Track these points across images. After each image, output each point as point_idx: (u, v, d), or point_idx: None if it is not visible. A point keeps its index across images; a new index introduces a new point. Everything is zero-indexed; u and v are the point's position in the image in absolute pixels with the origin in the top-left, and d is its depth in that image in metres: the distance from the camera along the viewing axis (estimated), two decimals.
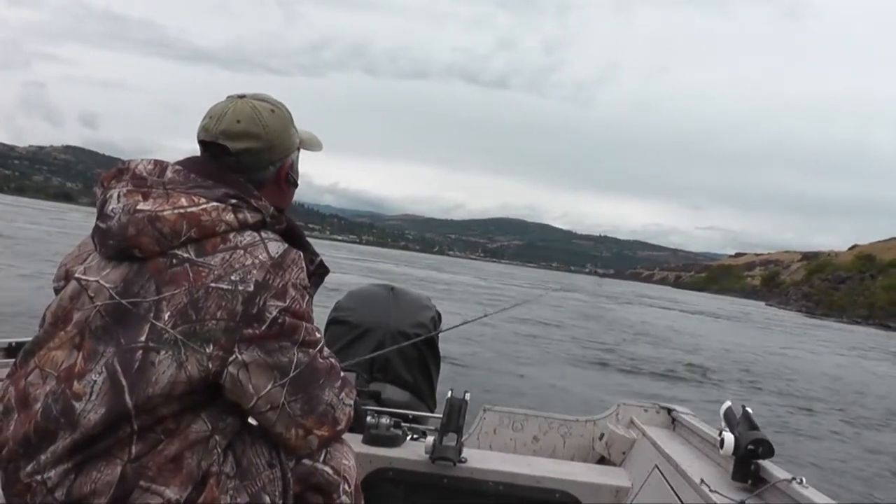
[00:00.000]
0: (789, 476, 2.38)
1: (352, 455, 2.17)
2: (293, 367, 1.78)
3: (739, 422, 2.66)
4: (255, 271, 1.74)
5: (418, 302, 4.02)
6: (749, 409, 2.70)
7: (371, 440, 3.10)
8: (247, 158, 1.94)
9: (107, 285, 1.75)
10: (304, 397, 1.81)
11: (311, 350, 1.82)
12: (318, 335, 1.85)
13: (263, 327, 1.73)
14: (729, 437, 2.57)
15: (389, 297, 3.94)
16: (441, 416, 3.13)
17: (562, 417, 3.82)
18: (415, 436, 3.30)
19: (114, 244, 1.77)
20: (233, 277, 1.72)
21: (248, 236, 1.81)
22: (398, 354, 3.67)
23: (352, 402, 1.95)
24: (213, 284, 1.71)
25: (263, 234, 1.84)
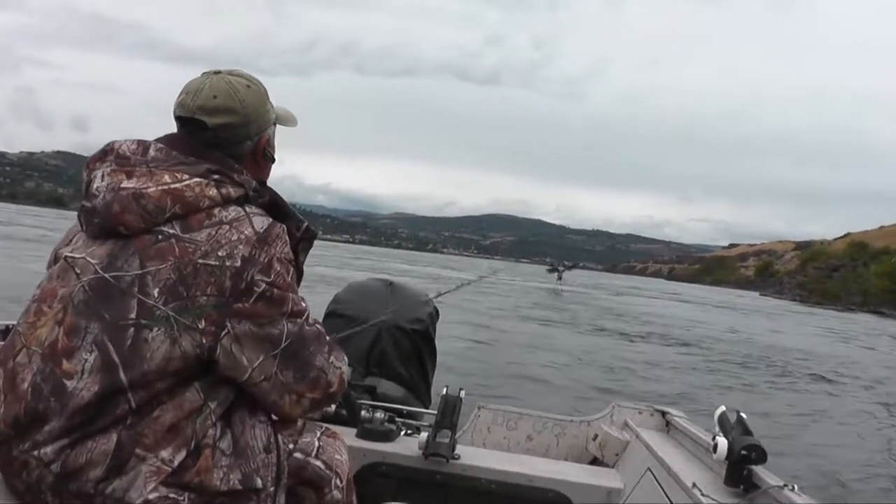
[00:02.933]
0: (781, 483, 2.38)
1: (344, 450, 2.19)
2: (284, 338, 1.82)
3: (733, 427, 2.64)
4: (241, 247, 1.77)
5: (416, 297, 4.02)
6: (743, 415, 2.68)
7: (365, 434, 3.11)
8: (224, 133, 1.94)
9: (92, 261, 1.76)
10: (295, 365, 1.85)
11: (298, 319, 1.85)
12: (303, 304, 1.89)
13: (252, 300, 1.76)
14: (722, 442, 2.55)
15: (387, 291, 3.94)
16: (435, 412, 3.14)
17: (556, 417, 3.82)
18: (409, 431, 3.29)
19: (99, 222, 1.79)
20: (220, 253, 1.75)
21: (233, 211, 1.84)
22: (394, 349, 3.67)
23: (342, 365, 1.99)
24: (200, 261, 1.73)
25: (248, 209, 1.87)
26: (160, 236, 1.75)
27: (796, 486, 2.34)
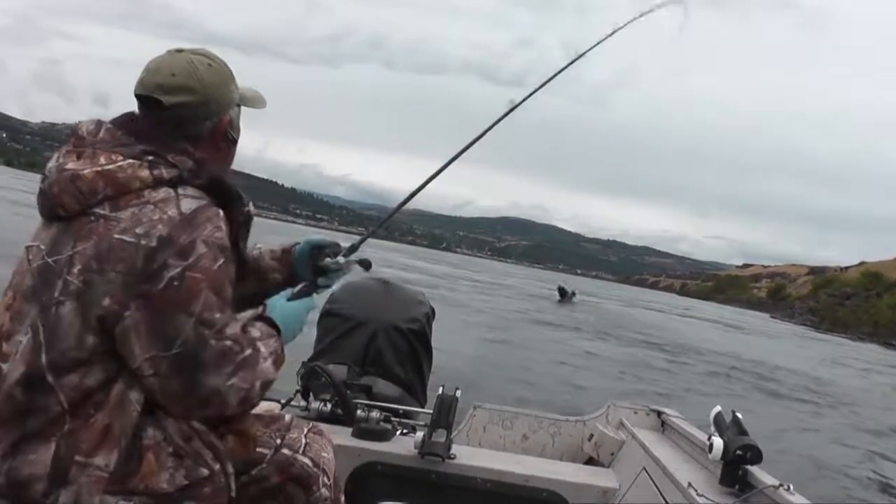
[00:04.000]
0: (777, 482, 2.40)
1: (330, 448, 2.20)
2: (178, 343, 1.70)
3: (729, 427, 2.67)
4: (160, 226, 1.71)
5: (412, 297, 4.02)
6: (739, 415, 2.71)
7: (361, 434, 3.12)
8: (181, 112, 1.90)
9: (42, 247, 1.78)
10: (183, 378, 1.74)
11: (205, 331, 1.73)
12: (217, 316, 1.76)
13: (160, 286, 1.68)
14: (718, 442, 2.59)
15: (383, 290, 3.95)
16: (431, 411, 3.14)
17: (552, 417, 3.83)
18: (404, 431, 3.31)
19: (45, 203, 1.81)
20: (137, 230, 1.70)
21: (163, 192, 1.77)
22: (390, 348, 3.66)
23: (250, 386, 1.83)
24: (116, 236, 1.69)
25: (180, 191, 1.80)
26: (93, 217, 1.73)
27: (791, 486, 2.36)
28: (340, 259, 2.26)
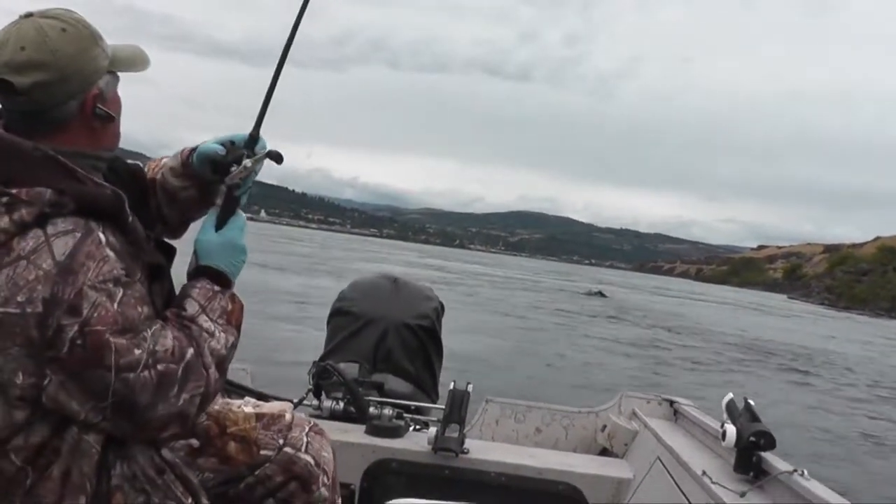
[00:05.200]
0: (791, 468, 2.38)
1: (329, 448, 2.17)
2: (108, 395, 1.51)
3: (741, 414, 2.66)
4: (40, 287, 1.46)
5: (421, 293, 4.01)
6: (751, 402, 2.71)
7: (373, 431, 3.11)
8: (39, 95, 1.60)
9: None
10: (131, 420, 1.57)
11: (130, 374, 1.52)
12: (136, 353, 1.53)
13: (65, 350, 1.47)
14: (731, 429, 2.59)
15: (392, 287, 3.94)
16: (443, 407, 3.15)
17: (564, 409, 3.81)
18: (417, 427, 3.32)
19: None
20: (19, 299, 1.46)
21: (31, 239, 1.50)
22: (400, 345, 3.66)
23: (205, 383, 1.65)
24: (1, 310, 1.47)
25: (49, 230, 1.51)
26: None
27: (806, 472, 2.34)
28: (247, 163, 1.88)
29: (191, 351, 1.64)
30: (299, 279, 32.33)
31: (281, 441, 2.04)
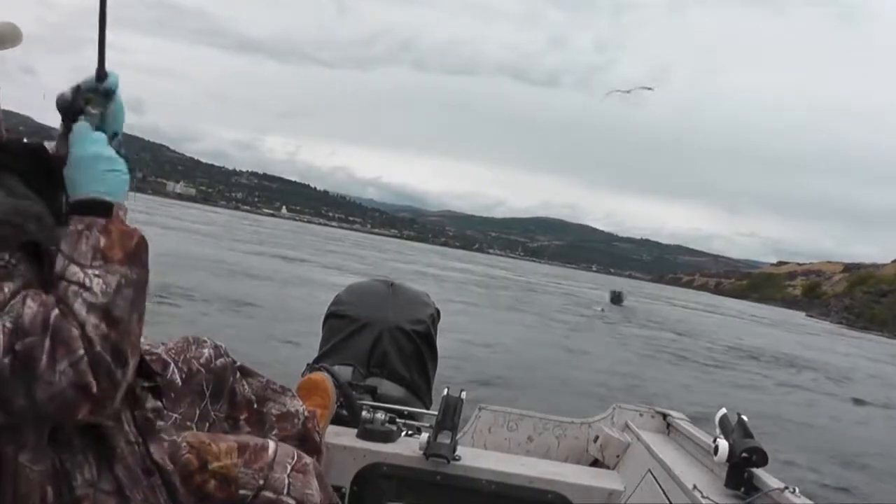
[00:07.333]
0: (782, 485, 2.37)
1: (315, 483, 2.05)
2: None
3: (734, 429, 2.64)
4: None
5: (417, 298, 4.00)
6: (744, 417, 2.68)
7: (365, 435, 3.12)
8: None
9: None
10: (9, 413, 1.36)
11: None
12: None
13: None
14: (723, 444, 2.56)
15: (388, 292, 3.93)
16: (436, 413, 3.14)
17: (557, 419, 3.79)
18: (409, 432, 3.31)
19: None
20: None
21: None
22: (395, 350, 3.66)
23: (86, 356, 1.36)
24: None
25: None
26: None
27: (797, 489, 2.34)
28: (94, 111, 1.59)
29: (54, 314, 1.36)
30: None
31: (261, 482, 1.90)
